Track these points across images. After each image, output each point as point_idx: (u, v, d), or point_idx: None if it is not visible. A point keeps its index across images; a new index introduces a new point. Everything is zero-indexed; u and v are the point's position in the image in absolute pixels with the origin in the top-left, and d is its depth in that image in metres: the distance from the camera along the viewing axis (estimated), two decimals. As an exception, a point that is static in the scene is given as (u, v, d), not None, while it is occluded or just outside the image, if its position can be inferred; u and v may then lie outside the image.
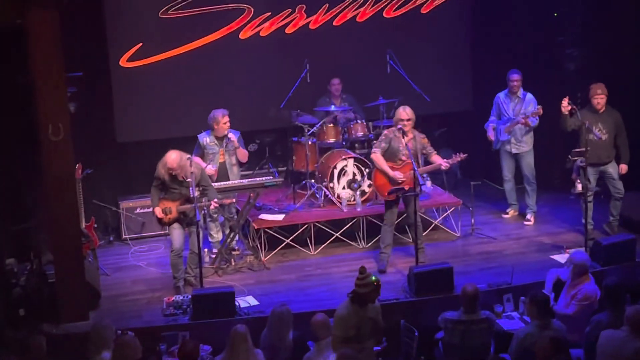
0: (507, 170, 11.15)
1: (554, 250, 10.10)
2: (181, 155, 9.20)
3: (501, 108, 10.97)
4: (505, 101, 10.95)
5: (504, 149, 11.02)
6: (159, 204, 9.31)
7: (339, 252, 10.39)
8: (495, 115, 11.06)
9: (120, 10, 11.24)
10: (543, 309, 7.21)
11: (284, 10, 11.90)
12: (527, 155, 11.01)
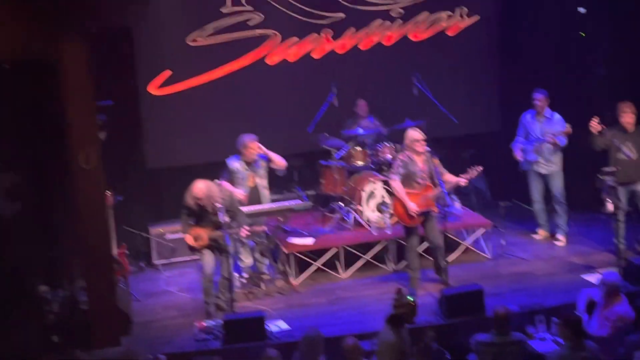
0: (535, 191, 11.10)
1: (586, 270, 10.02)
2: (208, 184, 9.23)
3: (528, 128, 10.94)
4: (532, 121, 10.92)
5: (532, 169, 10.98)
6: (189, 230, 9.36)
7: (369, 275, 10.38)
8: (522, 136, 11.03)
9: (149, 38, 11.36)
10: (576, 330, 7.15)
11: (310, 35, 11.98)
12: (556, 176, 10.95)
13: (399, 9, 12.21)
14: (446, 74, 12.31)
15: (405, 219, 9.58)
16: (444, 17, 12.39)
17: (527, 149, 10.91)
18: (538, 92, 10.82)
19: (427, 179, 9.41)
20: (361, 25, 12.13)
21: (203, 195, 9.15)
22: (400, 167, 9.55)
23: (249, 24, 11.74)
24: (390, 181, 9.67)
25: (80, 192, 8.55)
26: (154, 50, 11.48)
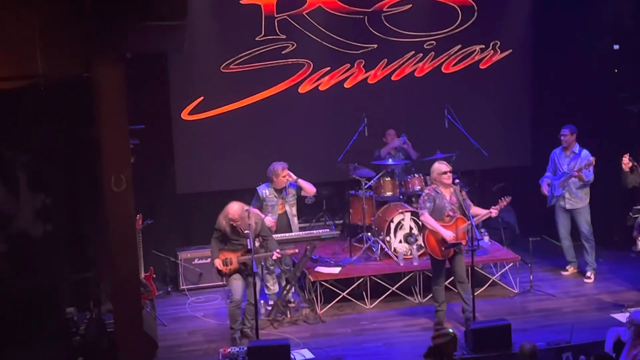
0: (562, 227, 11.03)
1: (615, 308, 9.93)
2: (242, 206, 9.31)
3: (557, 163, 10.93)
4: (560, 156, 10.90)
5: (558, 204, 10.93)
6: (219, 255, 9.39)
7: (395, 307, 10.34)
8: (551, 171, 11.00)
9: (183, 64, 11.48)
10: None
11: (342, 65, 12.05)
12: (582, 211, 10.89)
13: (432, 41, 12.24)
14: (477, 106, 12.31)
15: (437, 252, 9.46)
16: (477, 50, 12.41)
17: (554, 184, 10.87)
18: (565, 128, 10.82)
19: (457, 211, 9.36)
20: (394, 57, 12.17)
21: (237, 217, 9.21)
22: (427, 201, 9.48)
23: (282, 53, 11.83)
24: (420, 216, 9.61)
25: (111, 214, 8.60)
26: (188, 76, 11.60)
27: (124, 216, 8.66)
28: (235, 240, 9.34)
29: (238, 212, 9.22)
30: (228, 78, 11.72)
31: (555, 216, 11.04)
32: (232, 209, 9.24)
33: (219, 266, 9.35)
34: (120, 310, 8.77)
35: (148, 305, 9.91)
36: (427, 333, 9.42)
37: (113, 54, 8.46)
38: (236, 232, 9.30)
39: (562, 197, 10.87)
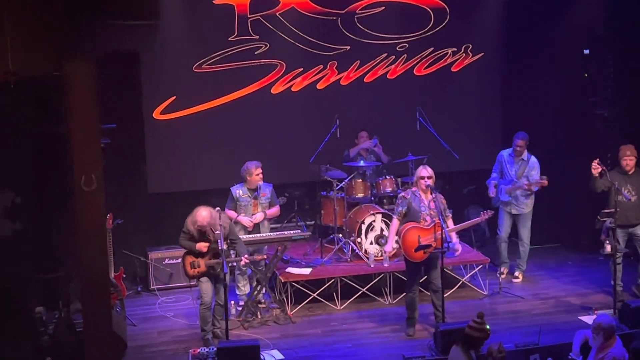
0: (504, 230, 11.15)
1: (582, 311, 10.03)
2: (211, 212, 9.21)
3: (504, 167, 10.99)
4: (509, 161, 10.98)
5: (504, 208, 11.01)
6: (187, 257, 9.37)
7: (365, 308, 10.37)
8: (497, 173, 11.09)
9: (155, 63, 11.44)
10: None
11: (315, 66, 12.07)
12: (527, 216, 11.04)
13: (404, 43, 12.29)
14: (449, 109, 12.38)
15: (410, 253, 9.41)
16: (449, 53, 12.48)
17: (501, 188, 10.94)
18: (518, 138, 10.89)
19: (435, 216, 9.32)
20: (366, 59, 12.22)
21: (205, 222, 9.16)
22: (400, 205, 9.49)
23: (255, 53, 11.82)
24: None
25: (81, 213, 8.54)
26: (160, 75, 11.56)
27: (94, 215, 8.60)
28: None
29: (207, 219, 9.15)
30: (200, 78, 11.70)
31: (499, 218, 11.12)
32: (201, 216, 9.17)
33: (187, 269, 9.31)
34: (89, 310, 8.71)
35: (118, 305, 9.86)
36: (396, 334, 9.53)
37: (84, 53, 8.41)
38: (204, 237, 9.27)
39: (508, 203, 10.95)
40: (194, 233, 9.25)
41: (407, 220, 9.43)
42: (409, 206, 9.41)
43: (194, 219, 9.20)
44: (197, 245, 9.31)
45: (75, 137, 8.48)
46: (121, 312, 9.90)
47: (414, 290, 9.52)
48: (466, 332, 7.36)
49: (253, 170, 10.19)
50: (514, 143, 10.90)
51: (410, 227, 9.36)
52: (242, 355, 8.49)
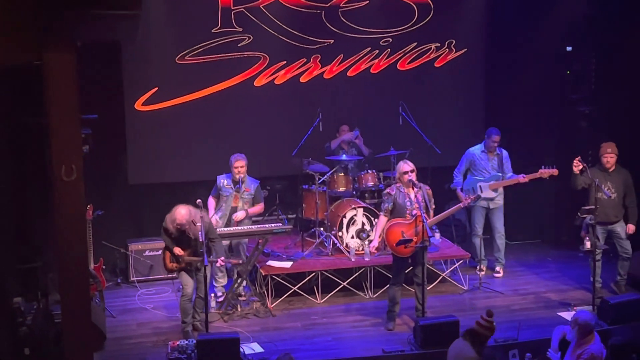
0: (479, 226, 11.14)
1: (561, 307, 10.07)
2: (190, 210, 9.16)
3: (478, 164, 10.97)
4: (483, 157, 10.97)
5: (479, 205, 11.00)
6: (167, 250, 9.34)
7: (345, 302, 10.37)
8: (462, 172, 11.04)
9: (138, 54, 11.38)
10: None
11: (299, 59, 12.04)
12: (501, 209, 11.07)
13: (388, 38, 12.29)
14: (432, 104, 12.40)
15: (394, 248, 9.42)
16: (433, 48, 12.48)
17: (478, 186, 10.89)
18: (495, 134, 10.90)
19: (419, 210, 9.33)
20: (350, 52, 12.20)
21: (184, 221, 9.10)
22: (386, 202, 9.50)
23: (238, 46, 11.78)
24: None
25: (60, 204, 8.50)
26: (142, 66, 11.50)
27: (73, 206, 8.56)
28: (183, 242, 9.25)
29: (186, 217, 9.09)
30: (183, 69, 11.65)
31: (474, 215, 11.11)
32: (180, 214, 9.10)
33: (167, 262, 9.27)
34: (68, 301, 8.67)
35: (97, 297, 9.82)
36: (376, 329, 9.54)
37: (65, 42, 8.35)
38: (184, 235, 9.22)
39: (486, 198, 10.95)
40: (173, 232, 9.19)
41: (393, 216, 9.44)
42: (395, 202, 9.42)
43: (173, 217, 9.13)
44: (175, 249, 9.28)
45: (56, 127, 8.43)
46: (100, 303, 9.86)
47: (398, 284, 9.54)
48: (475, 329, 7.38)
49: (233, 162, 10.18)
50: (491, 139, 10.89)
51: (394, 223, 9.37)
52: (222, 348, 8.49)
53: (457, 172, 11.13)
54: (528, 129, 11.88)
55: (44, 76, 8.37)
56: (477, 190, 10.91)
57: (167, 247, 9.39)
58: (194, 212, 9.17)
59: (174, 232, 9.18)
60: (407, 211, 9.39)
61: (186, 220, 9.08)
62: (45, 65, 8.35)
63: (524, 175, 10.73)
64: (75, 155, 8.54)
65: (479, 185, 10.93)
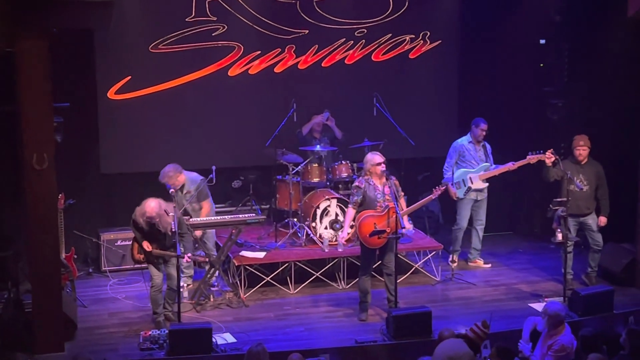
0: (466, 219, 11.11)
1: (533, 298, 10.14)
2: (160, 203, 9.06)
3: (467, 156, 10.97)
4: (471, 148, 10.99)
5: (467, 197, 11.01)
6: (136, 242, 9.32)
7: (318, 292, 10.38)
8: (452, 166, 11.03)
9: (110, 42, 11.27)
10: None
11: (273, 49, 12.00)
12: (485, 201, 11.10)
13: (363, 29, 12.28)
14: (406, 95, 12.40)
15: (367, 240, 9.41)
16: (407, 39, 12.49)
17: (468, 177, 10.90)
18: (484, 123, 10.91)
19: (390, 201, 9.36)
20: (324, 43, 12.18)
21: (154, 213, 9.01)
22: (355, 195, 9.46)
23: (212, 35, 11.72)
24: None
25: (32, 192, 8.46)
26: (115, 55, 11.40)
27: (45, 195, 8.53)
28: (152, 235, 9.18)
29: (155, 210, 8.99)
30: (157, 58, 11.57)
31: (462, 208, 11.04)
32: (150, 207, 8.99)
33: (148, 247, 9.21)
34: (39, 291, 8.64)
35: (68, 286, 9.76)
36: (349, 319, 9.56)
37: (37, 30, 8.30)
38: (154, 229, 9.14)
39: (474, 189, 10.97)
40: (143, 225, 9.12)
41: (364, 209, 9.44)
42: (364, 195, 9.41)
43: (143, 210, 9.03)
44: (143, 243, 9.23)
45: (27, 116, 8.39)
46: (71, 293, 9.81)
47: (367, 274, 9.56)
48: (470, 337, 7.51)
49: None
50: (479, 128, 10.87)
51: (367, 215, 9.37)
52: (194, 338, 8.47)
53: (447, 167, 11.05)
54: (501, 121, 11.91)
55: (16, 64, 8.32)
56: (468, 182, 10.90)
57: (135, 238, 9.33)
58: (164, 204, 9.09)
59: (144, 226, 9.10)
60: (377, 203, 9.39)
61: (156, 213, 8.99)
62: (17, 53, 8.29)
63: (513, 162, 10.75)
64: (47, 144, 8.50)
65: (469, 177, 10.90)
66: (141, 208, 9.08)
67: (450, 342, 7.37)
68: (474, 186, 10.92)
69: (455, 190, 10.89)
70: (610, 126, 11.40)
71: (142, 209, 9.05)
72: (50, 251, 8.66)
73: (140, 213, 9.08)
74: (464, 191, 10.94)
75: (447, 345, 7.32)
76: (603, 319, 9.19)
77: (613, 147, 11.20)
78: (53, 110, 8.70)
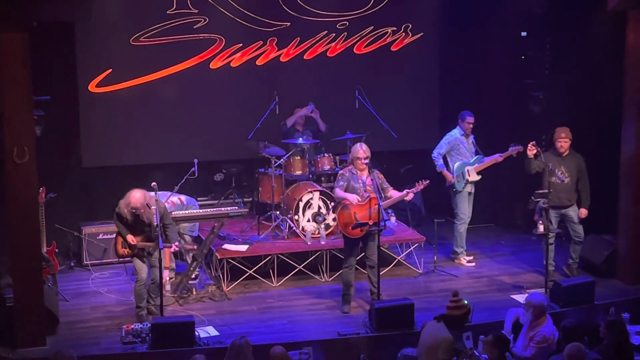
0: (468, 212, 11.05)
1: (514, 290, 10.18)
2: (145, 194, 9.06)
3: (461, 148, 10.95)
4: (463, 141, 10.99)
5: (465, 190, 11.00)
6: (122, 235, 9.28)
7: (301, 285, 10.38)
8: (442, 155, 10.98)
9: (91, 35, 11.23)
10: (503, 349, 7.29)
11: (255, 42, 11.97)
12: (473, 195, 11.10)
13: (345, 21, 12.27)
14: (388, 88, 12.39)
15: (347, 229, 9.45)
16: (389, 32, 12.49)
17: (465, 170, 10.90)
18: (471, 116, 10.91)
19: (370, 193, 9.37)
20: (306, 36, 12.16)
21: (139, 204, 9.00)
22: (341, 180, 9.50)
23: (194, 28, 11.68)
24: (334, 193, 9.65)
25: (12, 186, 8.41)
26: (96, 48, 11.35)
27: (25, 188, 8.49)
28: (136, 227, 9.17)
29: (140, 201, 8.99)
30: (138, 51, 11.52)
31: (459, 201, 10.97)
32: (134, 197, 8.99)
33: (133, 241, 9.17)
34: (20, 285, 8.61)
35: (50, 280, 9.72)
36: (332, 311, 9.57)
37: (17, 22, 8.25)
38: (138, 220, 9.13)
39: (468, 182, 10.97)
40: (127, 216, 9.09)
41: (346, 197, 9.47)
42: (348, 183, 9.45)
43: (127, 201, 9.02)
44: (127, 237, 9.20)
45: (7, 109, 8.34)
46: (53, 287, 9.76)
47: (350, 266, 9.56)
48: (448, 314, 7.43)
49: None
50: (466, 121, 10.85)
51: (345, 205, 9.40)
52: (177, 331, 8.46)
53: (438, 155, 10.95)
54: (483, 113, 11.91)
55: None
56: (466, 175, 10.89)
57: (119, 233, 9.30)
58: (149, 196, 9.09)
59: (128, 217, 9.08)
60: (359, 193, 9.42)
61: (141, 204, 8.99)
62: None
63: (500, 154, 10.78)
64: (28, 137, 8.46)
65: (467, 170, 10.88)
66: (126, 199, 9.06)
67: (430, 330, 7.37)
68: (470, 179, 10.93)
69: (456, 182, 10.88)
70: (591, 118, 11.45)
71: (127, 200, 9.03)
72: (32, 245, 8.62)
73: (124, 204, 9.06)
74: (463, 184, 10.93)
75: (426, 335, 7.35)
76: (584, 310, 9.25)
77: (594, 139, 11.26)
78: (33, 103, 8.65)
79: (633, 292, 9.94)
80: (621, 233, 10.46)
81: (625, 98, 10.23)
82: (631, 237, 10.29)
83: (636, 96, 10.06)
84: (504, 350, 7.24)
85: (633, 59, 10.07)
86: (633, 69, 10.08)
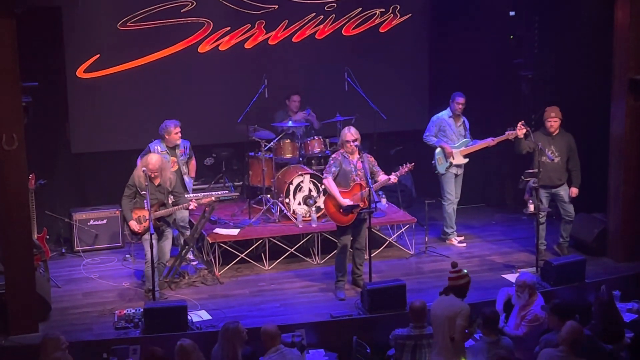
0: (454, 194, 11.08)
1: (505, 269, 10.22)
2: (161, 158, 9.40)
3: (448, 131, 10.95)
4: (451, 123, 10.97)
5: (450, 172, 11.03)
6: (132, 216, 9.34)
7: (293, 268, 10.40)
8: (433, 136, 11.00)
9: (79, 20, 11.16)
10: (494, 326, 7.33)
11: (243, 25, 11.92)
12: (461, 177, 11.12)
13: (333, 3, 12.23)
14: (377, 69, 12.37)
15: (337, 218, 9.44)
16: (378, 13, 12.46)
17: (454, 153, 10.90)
18: (461, 97, 10.86)
19: (362, 177, 9.36)
20: (294, 18, 12.11)
21: (157, 168, 9.24)
22: (333, 165, 9.44)
23: (181, 12, 11.62)
24: (323, 179, 9.63)
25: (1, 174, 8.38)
26: (84, 33, 11.29)
27: (15, 175, 8.46)
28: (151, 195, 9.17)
29: (158, 164, 9.27)
30: (126, 36, 11.46)
31: (447, 182, 10.99)
32: (152, 160, 9.28)
33: (134, 227, 9.23)
34: (12, 272, 8.59)
35: (41, 267, 9.70)
36: (324, 294, 9.59)
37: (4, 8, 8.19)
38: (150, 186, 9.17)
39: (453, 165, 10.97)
40: (142, 182, 9.13)
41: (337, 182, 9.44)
42: (340, 167, 9.41)
43: (146, 162, 9.26)
44: (130, 223, 9.27)
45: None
46: (45, 273, 9.75)
47: (344, 251, 9.56)
48: (451, 285, 7.61)
49: (172, 129, 10.23)
50: (455, 102, 10.79)
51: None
52: (169, 315, 8.48)
53: (429, 136, 10.97)
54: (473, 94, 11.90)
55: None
56: (449, 157, 10.89)
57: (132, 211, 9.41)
58: (164, 160, 9.50)
59: (144, 182, 9.12)
60: (351, 177, 9.40)
61: (159, 166, 9.28)
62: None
63: (493, 138, 10.78)
64: (16, 124, 8.43)
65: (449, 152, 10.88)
66: (143, 162, 9.33)
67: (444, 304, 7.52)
68: (455, 162, 10.92)
69: (437, 165, 10.89)
70: (580, 97, 11.46)
71: (145, 162, 9.29)
72: (22, 232, 8.60)
73: (143, 166, 9.24)
74: (445, 166, 10.92)
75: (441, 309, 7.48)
76: (575, 288, 9.31)
77: (584, 118, 11.27)
78: (21, 89, 8.61)
79: (623, 269, 10.00)
80: (611, 211, 10.49)
81: (614, 77, 10.23)
82: (621, 215, 10.31)
83: (625, 75, 10.06)
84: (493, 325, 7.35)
85: (621, 37, 10.06)
86: (621, 48, 10.08)
